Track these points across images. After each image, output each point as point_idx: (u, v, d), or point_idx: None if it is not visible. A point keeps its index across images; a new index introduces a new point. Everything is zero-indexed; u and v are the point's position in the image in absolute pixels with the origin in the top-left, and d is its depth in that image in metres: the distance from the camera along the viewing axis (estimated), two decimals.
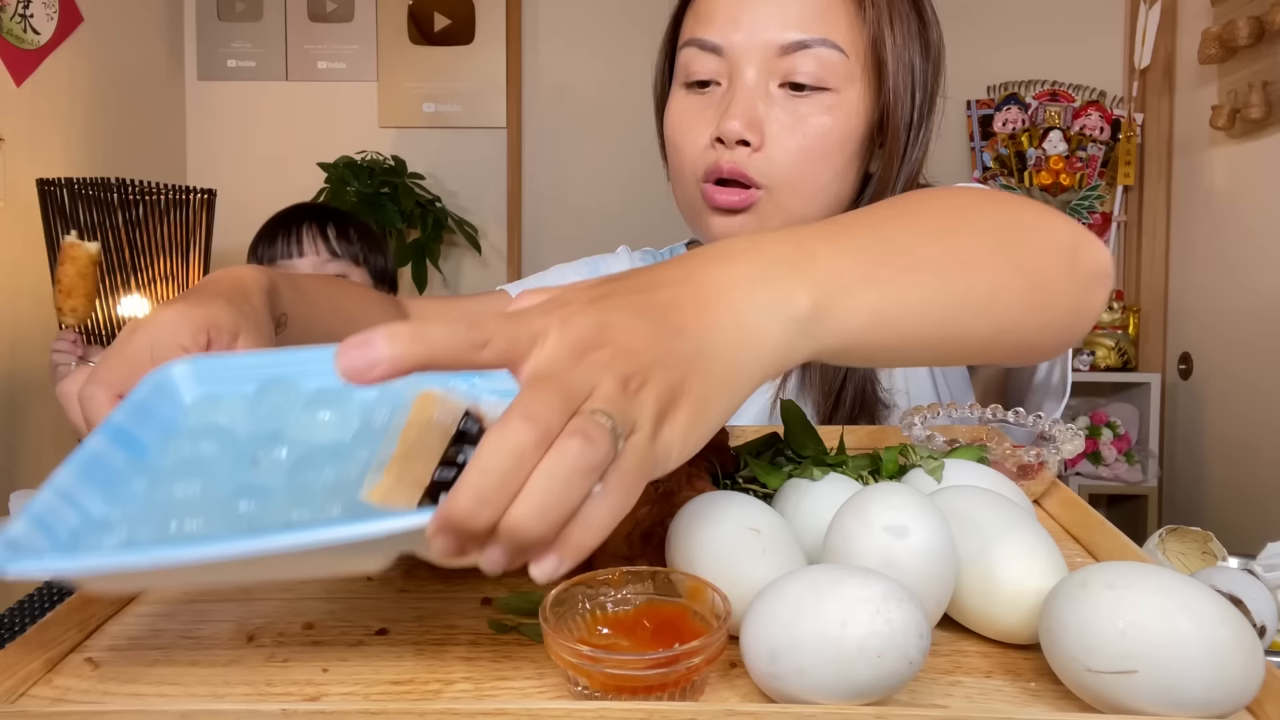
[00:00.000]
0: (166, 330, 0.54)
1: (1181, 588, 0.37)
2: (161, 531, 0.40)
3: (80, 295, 1.59)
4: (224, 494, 0.42)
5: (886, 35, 0.77)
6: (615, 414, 0.33)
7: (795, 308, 0.40)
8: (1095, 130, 2.52)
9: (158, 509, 0.41)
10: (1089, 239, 0.55)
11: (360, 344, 0.32)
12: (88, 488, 0.43)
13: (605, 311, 0.36)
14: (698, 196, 0.80)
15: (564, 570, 0.33)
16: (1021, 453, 0.63)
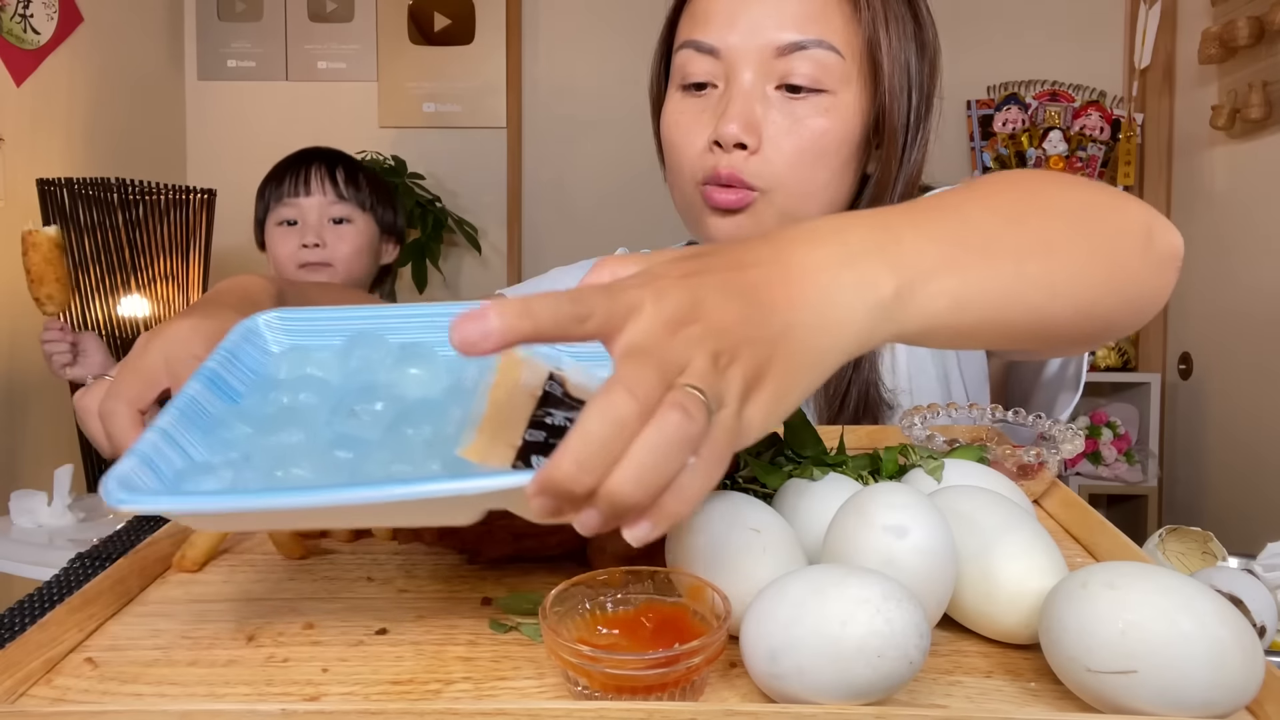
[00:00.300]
0: (180, 342, 0.55)
1: (1181, 588, 0.37)
2: (268, 477, 0.42)
3: (52, 281, 1.57)
4: (324, 443, 0.44)
5: (882, 36, 0.77)
6: (707, 389, 0.34)
7: (879, 292, 0.41)
8: (1095, 130, 2.52)
9: (263, 455, 0.43)
10: (1162, 221, 0.55)
11: (474, 317, 0.33)
12: (189, 430, 0.44)
13: (698, 288, 0.37)
14: (696, 199, 0.80)
15: (656, 535, 0.34)
16: (1021, 453, 0.63)
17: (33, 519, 1.61)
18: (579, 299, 0.35)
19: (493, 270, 2.72)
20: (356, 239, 1.58)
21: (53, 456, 2.02)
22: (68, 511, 1.63)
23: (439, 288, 2.70)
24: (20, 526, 1.61)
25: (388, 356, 0.50)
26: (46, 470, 1.68)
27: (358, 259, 1.58)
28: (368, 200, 1.60)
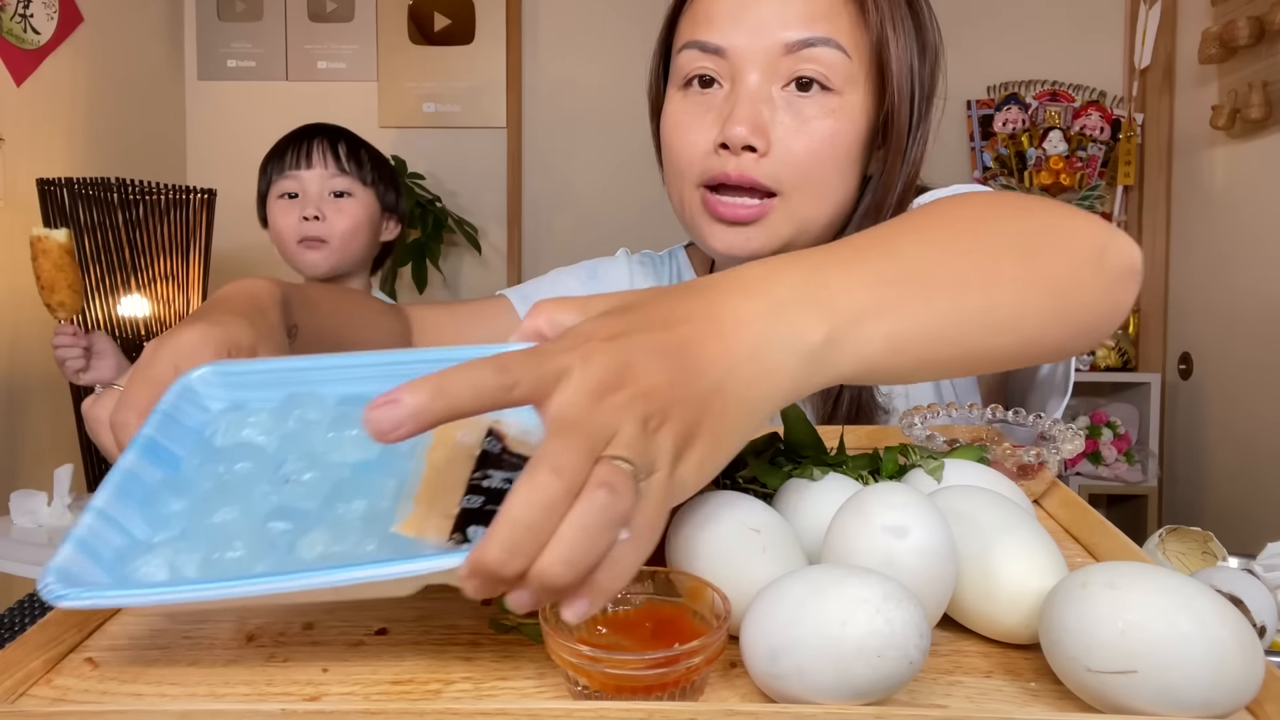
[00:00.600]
0: (189, 350, 0.55)
1: (1181, 588, 0.37)
2: (206, 558, 0.42)
3: (64, 288, 1.55)
4: (260, 516, 0.43)
5: (889, 38, 0.76)
6: (636, 457, 0.34)
7: (810, 341, 0.41)
8: (1095, 130, 2.52)
9: (200, 533, 0.43)
10: (1116, 237, 0.54)
11: (386, 402, 0.33)
12: (127, 507, 0.44)
13: (626, 349, 0.37)
14: (696, 202, 0.79)
15: (594, 612, 0.34)
16: (1021, 453, 0.63)
17: (33, 519, 1.62)
18: (504, 368, 0.35)
19: (493, 270, 2.72)
20: (357, 213, 1.58)
21: (53, 456, 2.02)
22: (68, 511, 1.63)
23: (439, 288, 2.70)
24: (20, 526, 1.61)
25: (325, 416, 0.49)
26: (46, 470, 1.69)
27: (357, 234, 1.58)
28: (369, 175, 1.60)
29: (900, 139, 0.78)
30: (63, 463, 1.67)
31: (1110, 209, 2.55)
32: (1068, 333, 0.52)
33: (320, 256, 1.56)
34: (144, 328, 2.07)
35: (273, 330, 0.63)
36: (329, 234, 1.55)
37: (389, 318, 0.87)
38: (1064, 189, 2.51)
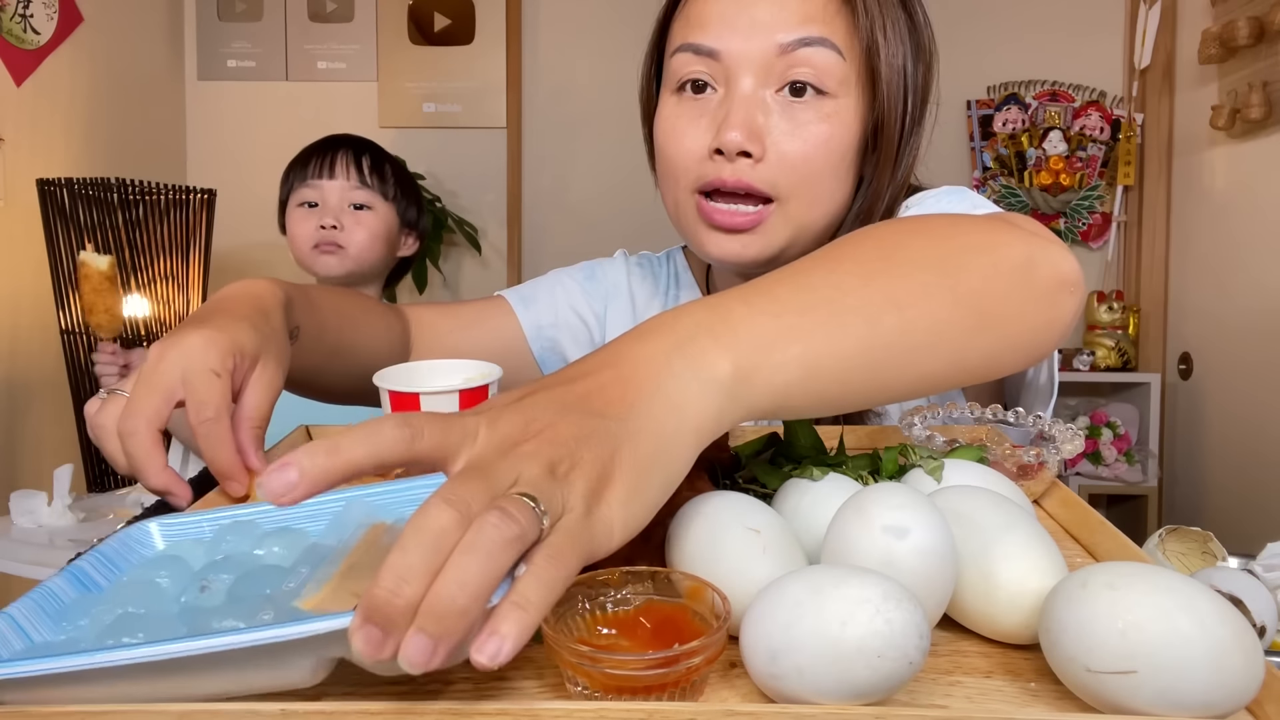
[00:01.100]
0: (196, 355, 0.55)
1: (1181, 588, 0.37)
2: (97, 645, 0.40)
3: (101, 311, 1.62)
4: (167, 616, 0.43)
5: (880, 41, 0.75)
6: (540, 495, 0.34)
7: (715, 372, 0.41)
8: (1095, 130, 2.52)
9: (101, 629, 0.42)
10: (1048, 249, 0.53)
11: (279, 467, 0.33)
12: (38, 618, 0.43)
13: (531, 407, 0.38)
14: (692, 209, 0.78)
15: (511, 651, 0.31)
16: (1021, 453, 0.63)
17: (33, 519, 1.62)
18: (406, 421, 0.35)
19: (493, 270, 2.72)
20: (375, 226, 1.57)
21: (53, 456, 2.03)
22: (68, 511, 1.63)
23: (439, 288, 2.70)
24: (20, 526, 1.61)
25: (253, 535, 0.50)
26: (46, 470, 1.69)
27: (373, 246, 1.57)
28: (391, 190, 1.60)
29: (892, 143, 0.78)
30: (63, 463, 1.68)
31: (1110, 209, 2.55)
32: (997, 347, 0.51)
33: (335, 261, 1.55)
34: (144, 328, 2.08)
35: (276, 334, 0.63)
36: (346, 244, 1.55)
37: (388, 319, 0.87)
38: (1064, 189, 2.51)
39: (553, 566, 0.33)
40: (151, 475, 0.55)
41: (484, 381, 0.72)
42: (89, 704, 0.36)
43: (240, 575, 0.44)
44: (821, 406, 0.47)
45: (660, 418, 0.39)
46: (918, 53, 0.78)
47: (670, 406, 0.40)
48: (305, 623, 0.34)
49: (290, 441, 0.75)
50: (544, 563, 0.33)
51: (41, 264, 1.96)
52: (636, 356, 0.41)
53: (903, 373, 0.48)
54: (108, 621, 0.42)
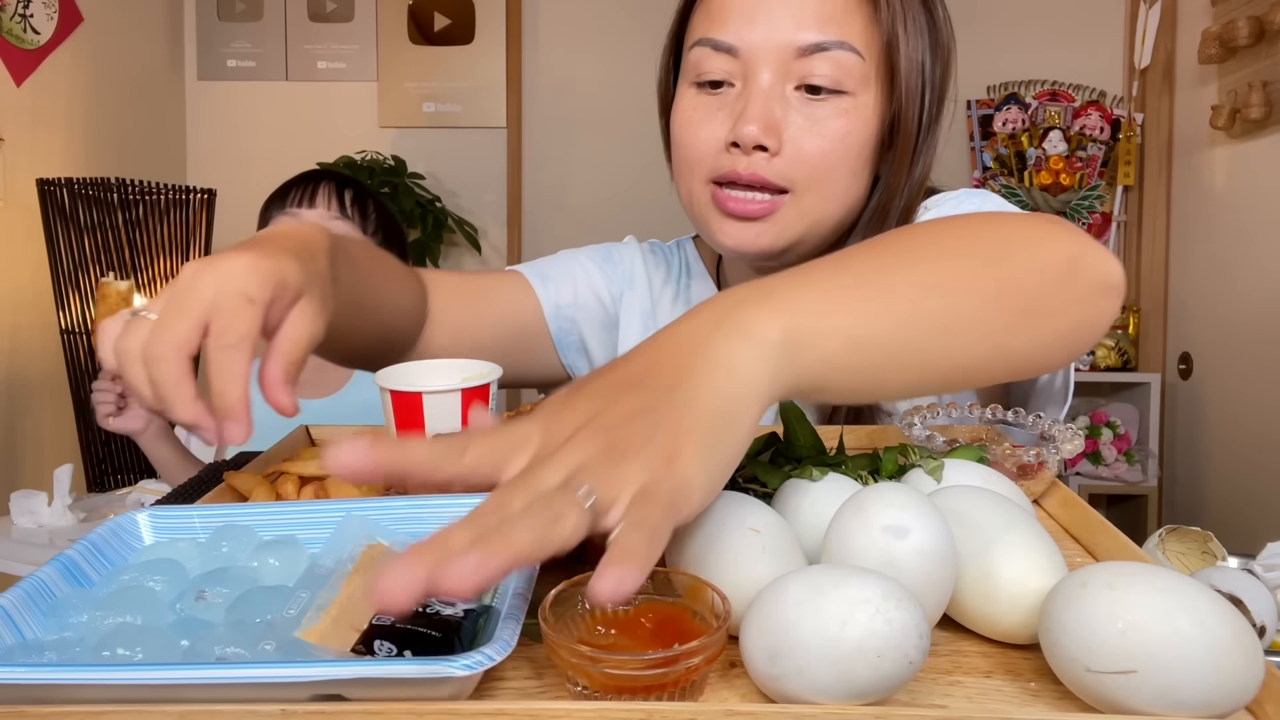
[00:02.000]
0: (234, 278, 0.49)
1: (1181, 588, 0.37)
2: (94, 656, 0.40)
3: None
4: (164, 626, 0.43)
5: (900, 37, 0.75)
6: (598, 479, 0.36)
7: (764, 334, 0.42)
8: (1095, 130, 2.52)
9: (95, 635, 0.42)
10: (1093, 251, 0.53)
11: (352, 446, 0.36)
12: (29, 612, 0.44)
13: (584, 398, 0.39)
14: (706, 198, 0.79)
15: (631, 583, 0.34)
16: (1021, 453, 0.63)
17: (33, 519, 1.62)
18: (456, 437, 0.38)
19: None
20: None
21: (53, 456, 2.02)
22: (68, 511, 1.63)
23: None
24: (20, 526, 1.61)
25: (249, 546, 0.49)
26: (46, 470, 1.69)
27: None
28: (371, 226, 1.56)
29: (909, 140, 0.78)
30: (63, 463, 1.68)
31: (1110, 209, 2.55)
32: (1036, 342, 0.52)
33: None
34: None
35: (322, 276, 0.58)
36: None
37: (411, 281, 0.84)
38: (1064, 189, 2.51)
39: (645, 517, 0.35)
40: (180, 406, 0.48)
41: (484, 380, 0.72)
42: (89, 704, 0.36)
43: (240, 596, 0.44)
44: (866, 386, 0.47)
45: (715, 380, 0.40)
46: (936, 49, 0.78)
47: (723, 370, 0.40)
48: (308, 665, 0.35)
49: (290, 441, 0.75)
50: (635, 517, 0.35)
51: (41, 264, 1.96)
52: (683, 333, 0.42)
53: (946, 357, 0.48)
54: (105, 631, 0.42)
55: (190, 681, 0.35)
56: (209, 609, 0.44)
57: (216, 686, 0.35)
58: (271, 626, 0.41)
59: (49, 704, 0.36)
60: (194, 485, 0.73)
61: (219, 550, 0.49)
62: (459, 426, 0.69)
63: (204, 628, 0.42)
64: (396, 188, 2.46)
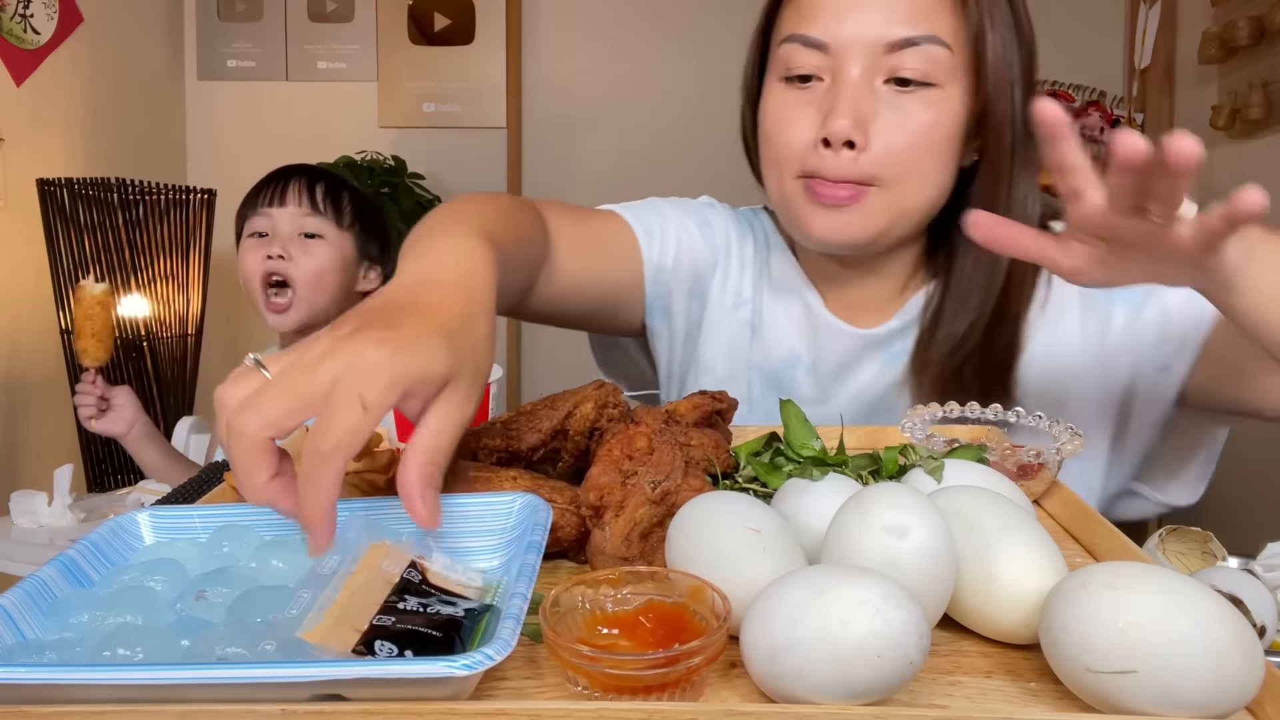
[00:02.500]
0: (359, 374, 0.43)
1: (1181, 588, 0.37)
2: (95, 656, 0.40)
3: (88, 336, 1.56)
4: (164, 626, 0.43)
5: (987, 29, 0.77)
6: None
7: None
8: (1095, 130, 2.52)
9: (95, 635, 0.42)
10: None
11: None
12: (30, 612, 0.44)
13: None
14: (798, 190, 0.80)
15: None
16: (1021, 453, 0.63)
17: (33, 519, 1.62)
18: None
19: None
20: (325, 257, 1.46)
21: (53, 456, 2.02)
22: (68, 511, 1.63)
23: None
24: (20, 526, 1.61)
25: (250, 546, 0.50)
26: (46, 470, 1.69)
27: (322, 279, 1.45)
28: (346, 219, 1.49)
29: (1000, 129, 0.79)
30: (63, 463, 1.68)
31: None
32: None
33: (286, 318, 1.44)
34: (144, 328, 2.08)
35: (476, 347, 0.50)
36: (294, 276, 1.43)
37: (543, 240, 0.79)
38: None
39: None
40: (247, 490, 0.44)
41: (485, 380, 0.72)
42: (89, 704, 0.36)
43: (240, 595, 0.44)
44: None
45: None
46: (1020, 38, 0.80)
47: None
48: (308, 665, 0.36)
49: (289, 442, 0.75)
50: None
51: (41, 264, 1.96)
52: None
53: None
54: (105, 631, 0.42)
55: (190, 681, 0.35)
56: (209, 609, 0.44)
57: (217, 686, 0.35)
58: (272, 626, 0.42)
59: (49, 704, 0.36)
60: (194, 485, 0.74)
61: (219, 550, 0.49)
62: None
63: (204, 628, 0.42)
64: (396, 188, 2.46)
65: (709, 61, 2.63)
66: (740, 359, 0.91)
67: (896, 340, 0.86)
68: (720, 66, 2.99)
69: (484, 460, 0.60)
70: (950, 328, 0.81)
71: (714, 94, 2.82)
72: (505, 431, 0.60)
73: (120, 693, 0.36)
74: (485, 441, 0.60)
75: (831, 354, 0.87)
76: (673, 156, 2.61)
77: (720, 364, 0.92)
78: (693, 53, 2.61)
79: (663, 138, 2.63)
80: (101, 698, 0.36)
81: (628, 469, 0.53)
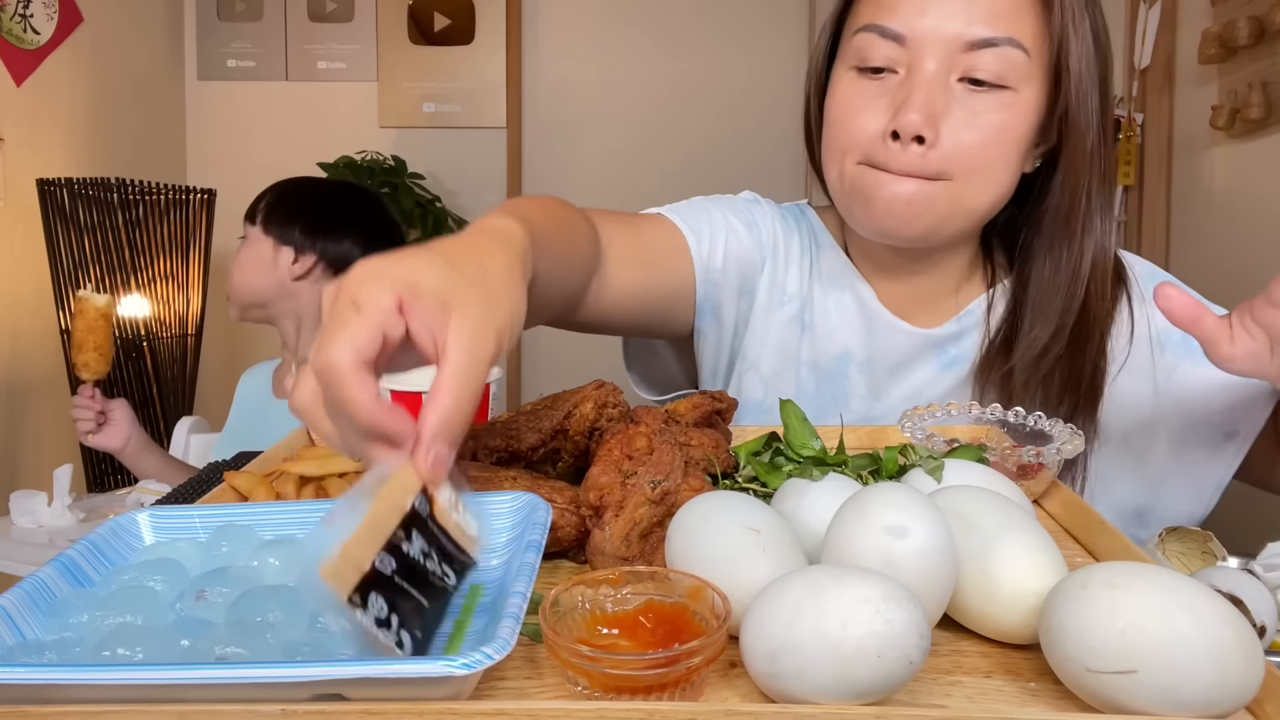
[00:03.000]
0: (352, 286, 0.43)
1: (1181, 588, 0.37)
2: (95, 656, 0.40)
3: (90, 349, 1.56)
4: (164, 626, 0.43)
5: (1070, 36, 0.76)
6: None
7: None
8: None
9: (95, 635, 0.42)
10: None
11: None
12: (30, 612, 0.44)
13: None
14: (858, 177, 0.79)
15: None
16: (1021, 453, 0.63)
17: (33, 519, 1.62)
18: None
19: None
20: (241, 256, 1.52)
21: (53, 456, 2.02)
22: (68, 511, 1.63)
23: None
24: (20, 526, 1.61)
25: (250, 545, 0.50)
26: (46, 470, 1.68)
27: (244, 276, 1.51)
28: (257, 214, 1.51)
29: (1081, 137, 0.78)
30: (63, 463, 1.67)
31: None
32: None
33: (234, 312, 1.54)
34: (144, 328, 2.08)
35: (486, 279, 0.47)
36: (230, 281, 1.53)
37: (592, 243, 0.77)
38: None
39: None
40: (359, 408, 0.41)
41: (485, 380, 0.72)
42: (89, 704, 0.36)
43: (240, 595, 0.44)
44: None
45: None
46: (1099, 50, 0.79)
47: None
48: (308, 665, 0.35)
49: (288, 442, 0.75)
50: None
51: (41, 264, 1.96)
52: None
53: None
54: (105, 631, 0.42)
55: (190, 681, 0.35)
56: (209, 609, 0.44)
57: (216, 686, 0.35)
58: (271, 626, 0.42)
59: (49, 704, 0.36)
60: (194, 485, 0.74)
61: (219, 550, 0.49)
62: None
63: (204, 627, 0.42)
64: (396, 188, 2.46)
65: (709, 61, 2.63)
66: (788, 355, 0.90)
67: (953, 344, 0.86)
68: (721, 66, 2.99)
69: (484, 460, 0.60)
70: (1032, 334, 0.81)
71: (715, 94, 2.82)
72: (505, 431, 0.60)
73: (120, 693, 0.36)
74: (485, 441, 0.60)
75: (888, 352, 0.87)
76: (673, 156, 2.61)
77: (767, 360, 0.90)
78: (693, 53, 2.61)
79: (663, 138, 2.63)
80: (101, 698, 0.36)
81: (627, 469, 0.53)
